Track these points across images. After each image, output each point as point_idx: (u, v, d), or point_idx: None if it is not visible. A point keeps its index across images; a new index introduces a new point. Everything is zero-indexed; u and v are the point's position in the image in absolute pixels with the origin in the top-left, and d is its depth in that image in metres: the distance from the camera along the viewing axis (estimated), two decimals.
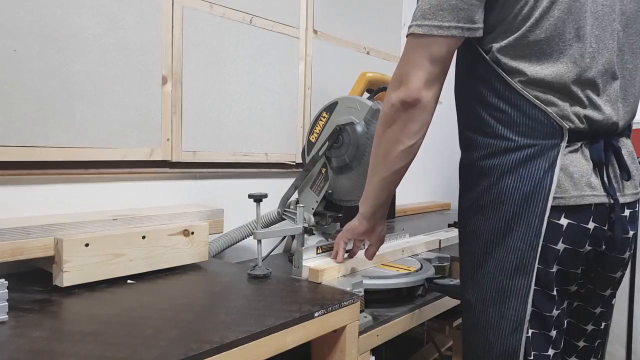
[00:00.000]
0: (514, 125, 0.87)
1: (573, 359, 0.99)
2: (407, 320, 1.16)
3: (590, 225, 0.86)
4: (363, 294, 1.09)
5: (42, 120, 1.13)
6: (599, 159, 0.87)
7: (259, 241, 1.17)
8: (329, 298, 1.00)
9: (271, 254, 1.44)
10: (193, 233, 1.19)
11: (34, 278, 1.06)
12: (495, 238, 0.89)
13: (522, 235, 0.86)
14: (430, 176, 2.71)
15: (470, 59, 0.92)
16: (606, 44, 0.87)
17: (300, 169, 1.43)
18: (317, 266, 1.15)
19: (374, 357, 1.11)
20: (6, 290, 0.83)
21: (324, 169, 1.37)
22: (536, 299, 0.86)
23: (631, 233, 0.92)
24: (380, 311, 1.13)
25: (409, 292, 1.23)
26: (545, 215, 0.84)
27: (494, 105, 0.89)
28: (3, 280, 0.83)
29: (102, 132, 1.24)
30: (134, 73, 1.29)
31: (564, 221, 0.85)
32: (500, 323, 0.88)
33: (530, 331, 0.87)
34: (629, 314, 2.31)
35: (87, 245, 1.01)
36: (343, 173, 1.34)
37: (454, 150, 1.13)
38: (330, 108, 1.37)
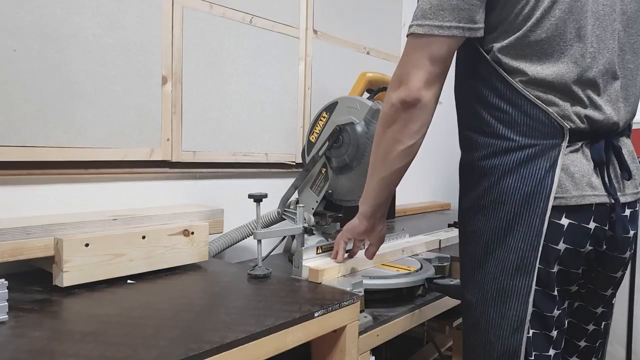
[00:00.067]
0: (514, 125, 0.87)
1: (574, 358, 0.99)
2: (407, 320, 1.16)
3: (591, 225, 0.86)
4: (363, 294, 1.09)
5: (42, 120, 1.13)
6: (600, 159, 0.87)
7: (259, 241, 1.17)
8: (329, 298, 1.00)
9: (271, 254, 1.44)
10: (193, 233, 1.19)
11: (34, 278, 1.06)
12: (496, 238, 0.88)
13: (523, 235, 0.86)
14: (430, 176, 2.71)
15: (471, 59, 0.92)
16: (607, 44, 0.87)
17: (300, 169, 1.43)
18: (317, 266, 1.15)
19: (374, 357, 1.11)
20: (6, 290, 0.83)
21: (324, 169, 1.37)
22: (537, 299, 0.86)
23: (632, 233, 0.92)
24: (380, 311, 1.13)
25: (409, 292, 1.23)
26: (546, 215, 0.84)
27: (495, 105, 0.89)
28: (3, 280, 0.83)
29: (102, 132, 1.24)
30: (134, 73, 1.29)
31: (564, 221, 0.85)
32: (501, 323, 0.88)
33: (531, 331, 0.87)
34: (629, 314, 2.30)
35: (87, 245, 1.01)
36: (343, 173, 1.34)
37: (454, 150, 1.13)
38: (330, 108, 1.37)
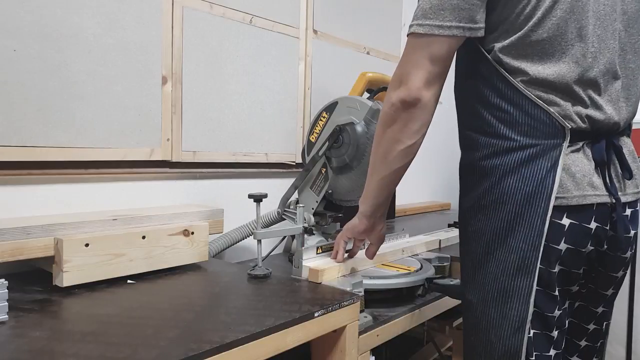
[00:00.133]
0: (516, 125, 0.87)
1: (575, 358, 0.99)
2: (407, 320, 1.16)
3: (592, 225, 0.86)
4: (363, 294, 1.09)
5: (42, 120, 1.13)
6: (601, 159, 0.87)
7: (259, 241, 1.17)
8: (329, 298, 0.99)
9: (271, 254, 1.44)
10: (193, 233, 1.19)
11: (34, 278, 1.06)
12: (497, 238, 0.88)
13: (524, 235, 0.86)
14: (430, 176, 2.71)
15: (472, 59, 0.91)
16: (607, 44, 0.87)
17: (300, 169, 1.43)
18: (317, 266, 1.15)
19: (374, 357, 1.10)
20: (6, 290, 0.83)
21: (324, 169, 1.37)
22: (538, 299, 0.86)
23: (632, 232, 0.92)
24: (380, 311, 1.13)
25: (409, 292, 1.23)
26: (548, 215, 0.84)
27: (496, 105, 0.88)
28: (3, 280, 0.83)
29: (102, 132, 1.24)
30: (134, 73, 1.29)
31: (566, 221, 0.85)
32: (502, 323, 0.88)
33: (531, 331, 0.87)
34: (629, 314, 2.30)
35: (87, 245, 1.01)
36: (343, 173, 1.34)
37: (454, 150, 1.13)
38: (330, 108, 1.37)
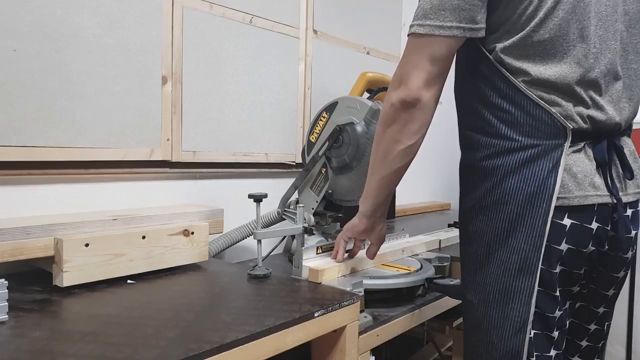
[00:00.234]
0: (517, 125, 0.87)
1: (576, 358, 0.99)
2: (407, 320, 1.16)
3: (594, 225, 0.86)
4: (363, 294, 1.09)
5: (42, 120, 1.13)
6: (603, 159, 0.87)
7: (259, 241, 1.17)
8: (329, 298, 0.99)
9: (271, 254, 1.44)
10: (193, 233, 1.19)
11: (34, 278, 1.06)
12: (499, 239, 0.88)
13: (526, 236, 0.85)
14: (430, 176, 2.71)
15: (473, 59, 0.91)
16: (609, 45, 0.87)
17: (300, 169, 1.42)
18: (317, 266, 1.15)
19: (374, 357, 1.10)
20: (6, 290, 0.83)
21: (324, 169, 1.37)
22: (539, 300, 0.86)
23: (633, 232, 0.92)
24: (380, 311, 1.13)
25: (409, 292, 1.23)
26: (549, 215, 0.84)
27: (497, 105, 0.88)
28: (3, 280, 0.83)
29: (102, 132, 1.24)
30: (134, 73, 1.29)
31: (567, 221, 0.85)
32: (504, 324, 0.88)
33: (532, 332, 0.87)
34: (629, 314, 2.30)
35: (87, 245, 1.01)
36: (343, 173, 1.34)
37: (454, 150, 1.13)
38: (330, 108, 1.37)
